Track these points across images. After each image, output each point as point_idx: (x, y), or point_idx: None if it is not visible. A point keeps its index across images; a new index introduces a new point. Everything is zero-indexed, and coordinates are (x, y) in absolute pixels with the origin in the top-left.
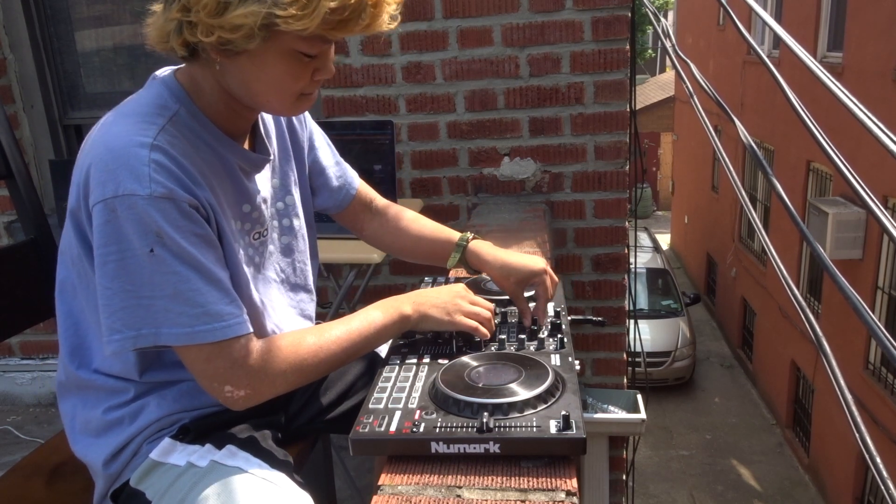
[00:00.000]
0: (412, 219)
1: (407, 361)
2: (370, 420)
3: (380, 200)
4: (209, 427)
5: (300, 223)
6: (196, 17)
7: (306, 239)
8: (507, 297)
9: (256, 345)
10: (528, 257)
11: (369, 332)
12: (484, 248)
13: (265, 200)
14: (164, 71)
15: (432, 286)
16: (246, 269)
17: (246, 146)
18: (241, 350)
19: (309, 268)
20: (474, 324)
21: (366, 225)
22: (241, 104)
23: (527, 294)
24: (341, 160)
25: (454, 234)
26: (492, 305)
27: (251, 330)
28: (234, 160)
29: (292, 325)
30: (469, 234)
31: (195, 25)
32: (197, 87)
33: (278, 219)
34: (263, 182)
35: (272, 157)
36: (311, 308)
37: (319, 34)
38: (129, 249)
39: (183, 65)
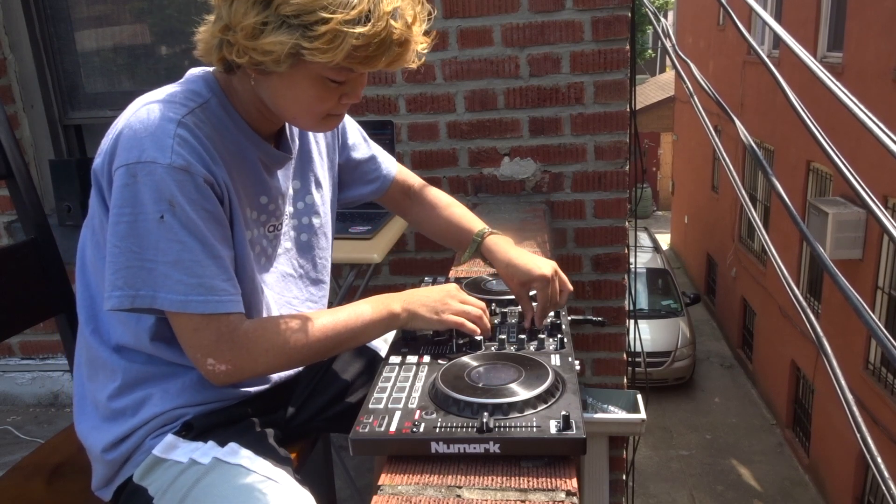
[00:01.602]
0: (446, 205)
1: (407, 361)
2: (370, 420)
3: (417, 186)
4: (212, 424)
5: (321, 221)
6: (234, 37)
7: (328, 237)
8: (508, 298)
9: (244, 323)
10: (536, 260)
11: (356, 325)
12: (498, 244)
13: (283, 196)
14: (200, 69)
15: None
16: (255, 256)
17: (272, 143)
18: (229, 326)
19: (329, 264)
20: (461, 320)
21: (408, 210)
22: (272, 112)
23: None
24: (378, 151)
25: (476, 227)
26: (482, 304)
27: (242, 310)
28: (256, 153)
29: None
30: (487, 229)
31: (233, 45)
32: (231, 87)
33: (297, 217)
34: (284, 179)
35: (293, 157)
36: (326, 302)
37: (346, 66)
38: (142, 213)
39: None
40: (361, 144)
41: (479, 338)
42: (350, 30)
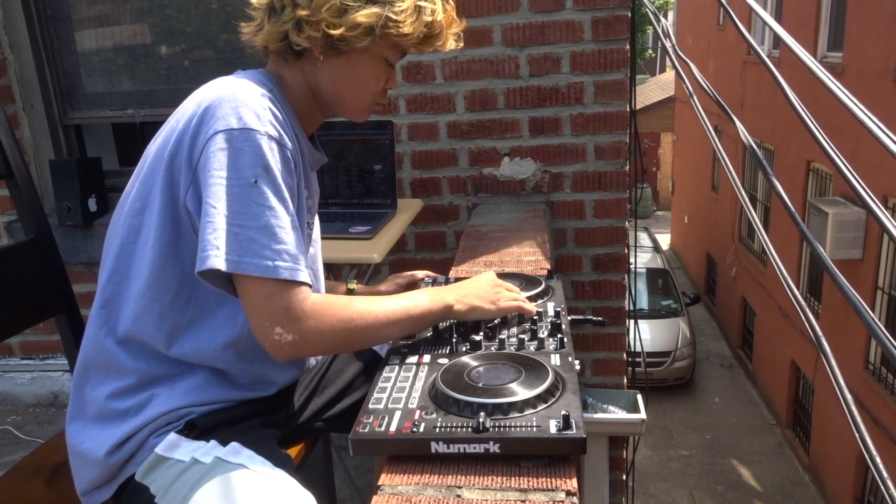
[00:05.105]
0: None
1: (407, 361)
2: (370, 420)
3: None
4: (214, 423)
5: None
6: (319, 16)
7: None
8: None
9: (314, 296)
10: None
11: (415, 312)
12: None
13: (315, 199)
14: (248, 70)
15: (432, 286)
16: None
17: None
18: (301, 295)
19: None
20: (519, 304)
21: None
22: (318, 107)
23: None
24: None
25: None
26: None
27: (312, 283)
28: (306, 150)
29: None
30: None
31: (317, 23)
32: (284, 83)
33: (312, 228)
34: (315, 183)
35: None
36: None
37: (406, 45)
38: (236, 177)
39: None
40: None
41: (479, 337)
42: (424, 4)
